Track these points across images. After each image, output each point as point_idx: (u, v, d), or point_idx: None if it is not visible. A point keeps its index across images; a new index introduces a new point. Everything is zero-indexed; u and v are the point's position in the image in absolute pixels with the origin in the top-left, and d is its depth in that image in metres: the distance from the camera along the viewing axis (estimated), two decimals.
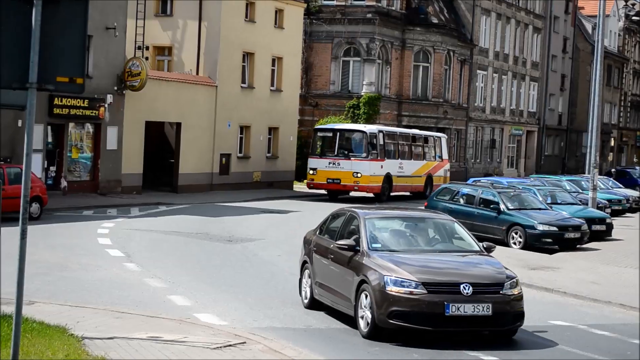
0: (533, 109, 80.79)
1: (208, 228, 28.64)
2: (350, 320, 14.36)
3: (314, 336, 13.94)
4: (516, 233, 27.49)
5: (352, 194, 45.73)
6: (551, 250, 27.02)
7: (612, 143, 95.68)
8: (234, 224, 30.51)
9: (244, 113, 46.88)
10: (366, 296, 13.68)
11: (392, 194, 45.53)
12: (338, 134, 44.40)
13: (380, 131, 44.75)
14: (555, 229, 27.42)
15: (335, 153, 43.76)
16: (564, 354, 13.61)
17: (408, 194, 48.10)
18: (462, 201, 29.85)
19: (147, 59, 42.52)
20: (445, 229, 15.69)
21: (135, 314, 14.26)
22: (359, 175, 42.80)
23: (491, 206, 28.58)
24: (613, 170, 70.28)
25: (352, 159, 43.16)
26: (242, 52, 46.81)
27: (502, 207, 28.26)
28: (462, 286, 13.38)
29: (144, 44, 42.74)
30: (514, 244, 27.38)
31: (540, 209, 29.07)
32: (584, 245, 28.18)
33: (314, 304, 15.84)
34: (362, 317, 13.82)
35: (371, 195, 44.72)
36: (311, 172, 44.06)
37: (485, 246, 15.27)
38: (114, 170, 39.55)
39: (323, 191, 45.63)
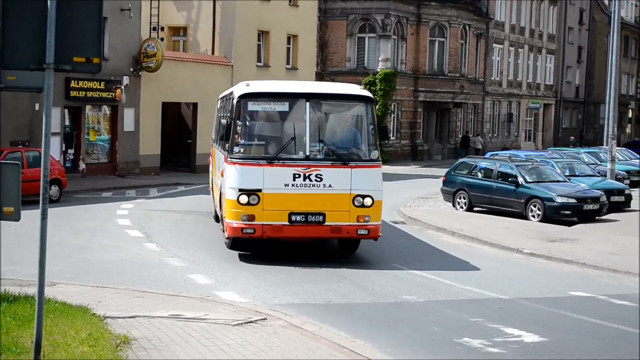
0: (550, 82, 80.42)
1: None
2: (374, 294, 14.30)
3: (334, 311, 13.99)
4: (535, 206, 27.43)
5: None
6: (570, 222, 26.96)
7: (630, 114, 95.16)
8: None
9: None
10: None
11: None
12: (308, 105, 18.38)
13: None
14: (573, 201, 27.34)
15: (307, 153, 18.11)
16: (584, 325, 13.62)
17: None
18: (480, 175, 29.77)
19: (162, 39, 42.52)
20: None
21: (156, 293, 14.37)
22: (369, 202, 18.30)
23: (509, 179, 28.51)
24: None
25: (350, 164, 18.27)
26: (257, 31, 46.73)
27: (520, 180, 28.19)
28: None
29: (159, 24, 42.76)
30: (533, 216, 27.33)
31: (558, 181, 29.00)
32: (603, 217, 28.11)
33: None
34: None
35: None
36: (244, 199, 17.94)
37: None
38: (132, 151, 39.69)
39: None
